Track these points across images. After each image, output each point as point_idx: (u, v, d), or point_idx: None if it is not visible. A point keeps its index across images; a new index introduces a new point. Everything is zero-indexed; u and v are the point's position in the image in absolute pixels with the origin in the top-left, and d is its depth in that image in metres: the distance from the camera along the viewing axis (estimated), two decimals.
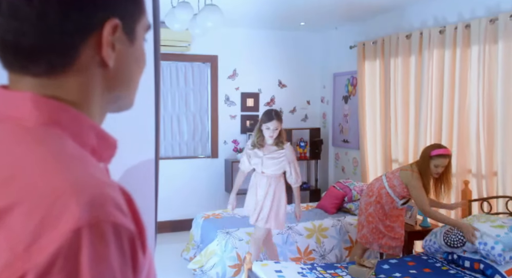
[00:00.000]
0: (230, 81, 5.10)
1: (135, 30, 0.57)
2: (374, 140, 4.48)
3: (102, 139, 0.56)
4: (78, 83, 0.54)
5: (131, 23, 0.57)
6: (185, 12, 3.17)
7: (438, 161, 2.89)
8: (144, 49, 0.61)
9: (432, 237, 3.03)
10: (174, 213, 4.82)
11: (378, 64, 4.36)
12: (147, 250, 0.50)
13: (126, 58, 0.57)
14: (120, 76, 0.57)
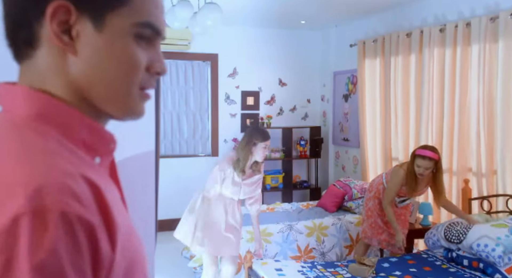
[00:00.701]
0: (230, 79, 5.10)
1: (103, 17, 0.54)
2: (374, 138, 4.48)
3: (95, 134, 0.56)
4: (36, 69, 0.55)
5: (100, 10, 0.54)
6: (185, 10, 3.17)
7: (419, 161, 2.90)
8: (131, 46, 0.56)
9: (433, 230, 3.06)
10: (174, 211, 4.82)
11: (378, 63, 4.36)
12: (117, 245, 0.49)
13: (93, 46, 0.54)
14: (90, 67, 0.55)
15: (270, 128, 5.12)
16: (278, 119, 5.30)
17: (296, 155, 5.31)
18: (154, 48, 0.59)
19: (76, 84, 0.55)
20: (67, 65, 0.55)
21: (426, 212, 3.53)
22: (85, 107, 0.56)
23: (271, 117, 5.17)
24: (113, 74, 0.56)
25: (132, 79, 0.57)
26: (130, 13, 0.56)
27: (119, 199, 0.58)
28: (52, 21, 0.52)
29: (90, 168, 0.54)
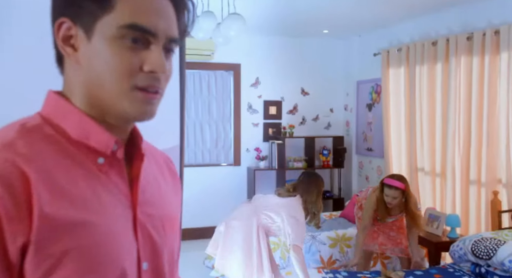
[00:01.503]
0: (252, 89, 5.12)
1: (93, 27, 0.60)
2: (399, 148, 4.40)
3: (94, 136, 0.63)
4: (65, 79, 0.66)
5: (88, 20, 0.60)
6: (208, 21, 3.21)
7: (386, 190, 2.93)
8: (117, 48, 0.60)
9: (460, 243, 2.96)
10: (196, 220, 4.84)
11: (403, 72, 4.30)
12: (33, 228, 0.54)
13: (86, 54, 0.61)
14: (89, 74, 0.62)
15: (293, 138, 5.11)
16: (301, 129, 5.27)
17: (319, 165, 5.26)
18: (151, 49, 0.62)
19: (85, 90, 0.63)
20: (78, 74, 0.63)
21: (453, 224, 3.43)
22: (94, 111, 0.63)
23: (294, 127, 5.16)
24: (105, 78, 0.61)
25: (122, 81, 0.61)
26: (116, 18, 0.60)
27: (100, 197, 0.61)
28: (58, 36, 0.61)
29: (63, 165, 0.59)
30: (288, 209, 2.63)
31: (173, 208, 0.76)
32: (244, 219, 2.66)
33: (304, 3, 3.68)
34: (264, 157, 5.11)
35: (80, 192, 0.59)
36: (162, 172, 0.78)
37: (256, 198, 2.86)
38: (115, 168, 0.65)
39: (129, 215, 0.65)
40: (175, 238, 0.75)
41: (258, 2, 3.65)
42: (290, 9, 3.89)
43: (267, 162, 5.12)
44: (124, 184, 0.66)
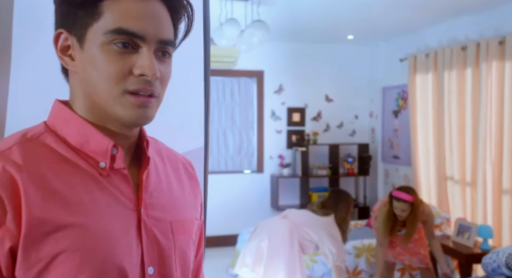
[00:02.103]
0: (276, 95, 5.09)
1: (84, 36, 0.63)
2: (427, 156, 4.28)
3: (92, 141, 0.65)
4: (70, 88, 0.69)
5: (81, 30, 0.63)
6: (232, 28, 3.22)
7: (395, 203, 2.87)
8: (104, 54, 0.61)
9: (493, 255, 2.83)
10: (219, 228, 4.82)
11: (430, 78, 4.19)
12: (21, 228, 0.57)
13: (81, 63, 0.64)
14: (85, 81, 0.64)
15: (316, 145, 5.04)
16: (325, 136, 5.21)
17: (343, 172, 5.18)
18: (140, 52, 0.62)
19: (85, 98, 0.66)
20: (77, 83, 0.66)
21: (485, 235, 3.29)
22: (95, 117, 0.66)
23: (318, 134, 5.10)
24: (98, 84, 0.63)
25: (112, 86, 0.62)
26: (103, 24, 0.62)
27: (95, 200, 0.63)
28: (56, 47, 0.65)
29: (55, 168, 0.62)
30: (327, 228, 2.60)
31: (187, 211, 0.76)
32: (287, 237, 2.58)
33: (328, 9, 3.64)
34: (288, 164, 5.06)
35: (75, 195, 0.61)
36: (178, 175, 0.78)
37: (290, 213, 2.77)
38: (117, 172, 0.66)
39: (133, 218, 0.66)
40: (187, 241, 0.73)
41: (281, 9, 3.64)
42: (314, 15, 3.85)
43: (291, 169, 5.07)
44: (129, 188, 0.67)
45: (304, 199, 5.04)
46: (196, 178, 0.83)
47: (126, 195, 0.66)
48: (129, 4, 0.62)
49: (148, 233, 0.67)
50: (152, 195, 0.69)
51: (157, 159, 0.75)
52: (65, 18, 0.64)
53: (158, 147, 0.78)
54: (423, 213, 2.92)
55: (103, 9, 0.62)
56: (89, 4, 0.62)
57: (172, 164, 0.78)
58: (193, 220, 0.77)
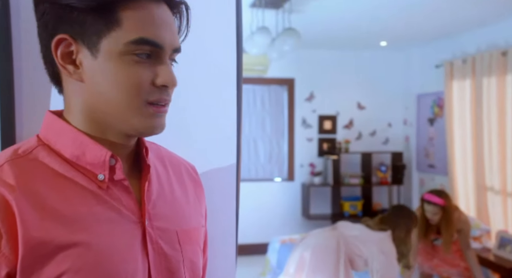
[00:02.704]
0: (307, 103, 5.06)
1: (98, 45, 0.58)
2: (465, 165, 4.12)
3: (89, 153, 0.61)
4: (64, 98, 0.64)
5: (93, 37, 0.58)
6: (263, 37, 3.22)
7: (426, 206, 2.81)
8: (126, 65, 0.59)
9: None
10: (249, 236, 4.81)
11: (468, 84, 4.05)
12: (18, 250, 0.54)
13: (91, 71, 0.59)
14: (93, 91, 0.60)
15: (348, 153, 4.96)
16: (357, 144, 5.11)
17: (376, 181, 5.06)
18: (160, 62, 0.61)
19: (86, 108, 0.62)
20: (78, 92, 0.61)
21: None
22: (95, 129, 0.62)
23: (349, 142, 5.02)
24: (114, 95, 0.59)
25: (132, 97, 0.60)
26: (123, 34, 0.58)
27: (94, 214, 0.59)
28: (56, 54, 0.59)
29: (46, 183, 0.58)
30: (379, 245, 2.43)
31: (192, 219, 0.72)
32: (333, 249, 2.43)
33: (361, 16, 3.59)
34: (319, 172, 4.99)
35: (75, 212, 0.57)
36: (182, 181, 0.75)
37: (341, 225, 2.64)
38: (117, 183, 0.62)
39: (137, 231, 0.62)
40: (196, 251, 0.70)
41: (313, 17, 3.62)
42: (346, 22, 3.81)
43: (322, 178, 5.01)
44: (131, 199, 0.63)
45: (336, 208, 4.95)
46: (200, 183, 0.80)
47: (128, 207, 0.62)
48: (147, 12, 0.59)
49: (154, 246, 0.64)
50: (156, 204, 0.66)
51: (158, 166, 0.71)
52: (69, 23, 0.58)
53: (160, 152, 0.74)
54: (458, 220, 2.81)
55: (121, 17, 0.58)
56: (104, 11, 0.57)
57: (175, 170, 0.75)
58: (200, 228, 0.74)
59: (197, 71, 0.99)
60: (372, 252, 2.39)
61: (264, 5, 3.26)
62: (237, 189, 1.06)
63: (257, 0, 3.21)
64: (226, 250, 1.04)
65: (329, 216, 4.98)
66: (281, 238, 4.08)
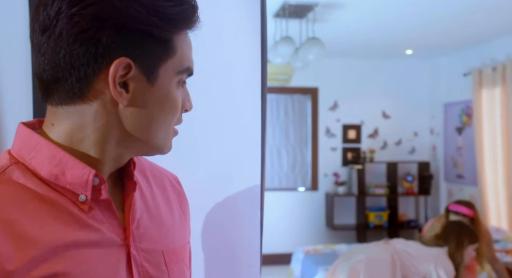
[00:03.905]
0: (330, 112, 5.02)
1: (156, 71, 0.57)
2: (495, 176, 3.99)
3: (63, 171, 0.56)
4: (62, 113, 0.57)
5: (152, 64, 0.57)
6: (287, 46, 3.23)
7: (452, 216, 2.67)
8: (175, 92, 0.60)
9: None
10: (273, 246, 4.78)
11: (498, 92, 3.94)
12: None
13: (144, 98, 0.57)
14: (136, 117, 0.57)
15: (373, 163, 4.89)
16: (382, 153, 5.03)
17: (403, 191, 4.96)
18: (185, 87, 0.63)
19: (107, 133, 0.57)
20: (103, 115, 0.57)
21: None
22: (89, 142, 0.57)
23: (374, 151, 4.94)
24: (156, 118, 0.58)
25: (173, 121, 0.61)
26: (176, 62, 0.59)
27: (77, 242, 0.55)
28: (114, 76, 0.55)
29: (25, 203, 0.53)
30: (435, 261, 2.33)
31: (178, 236, 0.69)
32: (388, 263, 2.33)
33: (386, 25, 3.56)
34: (343, 182, 4.93)
35: (54, 239, 0.52)
36: (166, 195, 0.71)
37: (395, 242, 2.55)
38: (100, 203, 0.58)
39: (122, 254, 0.59)
40: (182, 270, 0.68)
41: (337, 26, 3.61)
42: (371, 31, 3.78)
43: (346, 187, 4.94)
44: (115, 220, 0.59)
45: (361, 218, 4.87)
46: (184, 195, 0.76)
47: (112, 229, 0.58)
48: (189, 41, 0.61)
49: (139, 270, 0.60)
50: (140, 224, 0.62)
51: (140, 179, 0.67)
52: (132, 47, 0.55)
53: (141, 165, 0.70)
54: (486, 232, 2.69)
55: (176, 45, 0.58)
56: (164, 37, 0.57)
57: (158, 183, 0.71)
58: (186, 245, 0.71)
59: (222, 81, 1.01)
60: (429, 269, 2.31)
61: (288, 15, 3.27)
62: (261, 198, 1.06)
63: (281, 10, 3.23)
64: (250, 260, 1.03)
65: (353, 227, 4.90)
66: (305, 249, 4.04)
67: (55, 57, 0.55)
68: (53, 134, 0.58)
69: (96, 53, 0.54)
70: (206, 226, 1.00)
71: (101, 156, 0.58)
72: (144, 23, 0.55)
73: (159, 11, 0.55)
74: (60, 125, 0.58)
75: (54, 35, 0.54)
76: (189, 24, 0.59)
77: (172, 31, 0.57)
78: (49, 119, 0.59)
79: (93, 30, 0.53)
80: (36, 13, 0.56)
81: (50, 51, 0.55)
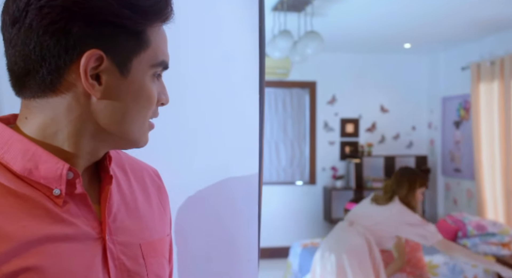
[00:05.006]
0: (329, 106, 5.02)
1: (129, 64, 0.57)
2: (493, 169, 4.01)
3: (36, 165, 0.56)
4: (34, 106, 0.57)
5: (124, 56, 0.57)
6: (285, 40, 3.22)
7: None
8: (149, 85, 0.60)
9: None
10: (271, 239, 4.80)
11: (496, 86, 3.94)
12: None
13: (117, 91, 0.57)
14: (110, 110, 0.57)
15: (371, 157, 4.90)
16: (380, 147, 5.04)
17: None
18: (160, 80, 0.63)
19: (81, 126, 0.57)
20: (76, 108, 0.57)
21: None
22: (80, 147, 0.58)
23: (372, 145, 4.95)
24: (129, 111, 0.58)
25: (148, 115, 0.61)
26: (150, 55, 0.59)
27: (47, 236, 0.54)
28: (85, 68, 0.54)
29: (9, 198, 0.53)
30: (397, 217, 2.41)
31: (157, 229, 0.69)
32: (365, 247, 2.39)
33: (384, 19, 3.55)
34: (341, 176, 4.95)
35: (27, 234, 0.52)
36: (144, 188, 0.71)
37: (355, 217, 2.57)
38: (75, 197, 0.57)
39: (97, 247, 0.58)
40: (161, 263, 0.67)
41: (335, 20, 3.60)
42: (369, 25, 3.77)
43: (344, 181, 4.96)
44: (91, 214, 0.59)
45: None
46: (164, 189, 0.76)
47: (87, 223, 0.58)
48: (164, 35, 0.61)
49: (116, 263, 0.60)
50: (117, 217, 0.62)
51: (118, 173, 0.67)
52: (104, 39, 0.55)
53: (119, 158, 0.70)
54: None
55: (150, 38, 0.58)
56: (137, 29, 0.57)
57: (137, 176, 0.71)
58: (164, 238, 0.71)
59: (220, 75, 1.00)
60: (396, 227, 2.38)
61: (286, 9, 3.26)
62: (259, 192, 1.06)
63: (279, 4, 3.21)
64: (248, 254, 1.04)
65: None
66: (302, 242, 4.06)
67: (26, 49, 0.54)
68: (26, 128, 0.58)
69: (67, 44, 0.54)
70: (204, 220, 1.00)
71: (76, 150, 0.58)
72: (115, 15, 0.54)
73: (131, 3, 0.55)
74: (34, 119, 0.57)
75: (24, 27, 0.53)
76: (162, 17, 0.59)
77: (144, 23, 0.57)
78: (22, 113, 0.59)
79: (63, 22, 0.53)
80: (6, 5, 0.55)
81: (20, 43, 0.54)
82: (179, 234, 0.97)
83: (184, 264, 0.98)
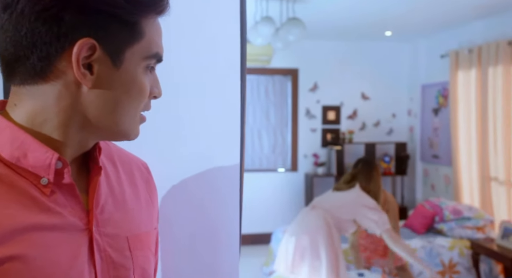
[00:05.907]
0: (311, 94, 5.04)
1: (122, 55, 0.57)
2: (469, 156, 4.11)
3: (25, 153, 0.55)
4: (24, 93, 0.56)
5: (117, 46, 0.56)
6: (267, 27, 3.20)
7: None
8: (142, 77, 0.59)
9: None
10: (253, 226, 4.84)
11: (474, 74, 4.02)
12: None
13: (109, 82, 0.56)
14: (101, 100, 0.57)
15: (352, 144, 4.96)
16: (361, 134, 5.11)
17: (380, 172, 5.05)
18: (154, 73, 0.62)
19: (72, 115, 0.56)
20: (67, 96, 0.56)
21: None
22: (69, 136, 0.57)
23: (353, 132, 5.01)
24: (120, 102, 0.58)
25: (140, 107, 0.61)
26: (143, 47, 0.58)
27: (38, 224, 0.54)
28: (77, 57, 0.54)
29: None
30: (357, 200, 2.56)
31: (144, 222, 0.68)
32: (324, 228, 2.52)
33: (365, 6, 3.56)
34: (322, 163, 5.00)
35: (12, 222, 0.51)
36: (133, 181, 0.71)
37: (317, 202, 2.74)
38: (63, 187, 0.57)
39: (84, 238, 0.58)
40: (147, 256, 0.67)
41: (317, 7, 3.59)
42: (351, 12, 3.78)
43: (325, 168, 5.01)
44: (78, 205, 0.58)
45: None
46: (153, 182, 0.76)
47: (74, 213, 0.57)
48: (158, 27, 0.61)
49: (102, 254, 0.59)
50: (104, 209, 0.62)
51: (107, 164, 0.67)
52: (97, 28, 0.54)
53: (109, 149, 0.69)
54: (385, 202, 2.75)
55: (144, 29, 0.58)
56: (131, 20, 0.56)
57: (125, 169, 0.70)
58: (151, 231, 0.70)
59: (201, 62, 0.99)
60: (355, 210, 2.54)
61: None
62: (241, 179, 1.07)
63: None
64: (229, 240, 1.05)
65: None
66: (284, 228, 4.10)
67: (17, 35, 0.53)
68: (15, 115, 0.57)
69: (59, 32, 0.53)
70: (186, 206, 1.00)
71: (65, 139, 0.58)
72: (109, 5, 0.54)
73: None
74: (23, 106, 0.57)
75: (16, 12, 0.53)
76: (157, 9, 0.58)
77: (139, 14, 0.57)
78: (12, 100, 0.58)
79: (56, 9, 0.52)
80: None
81: (11, 28, 0.53)
82: (163, 222, 0.97)
83: (167, 250, 0.99)
